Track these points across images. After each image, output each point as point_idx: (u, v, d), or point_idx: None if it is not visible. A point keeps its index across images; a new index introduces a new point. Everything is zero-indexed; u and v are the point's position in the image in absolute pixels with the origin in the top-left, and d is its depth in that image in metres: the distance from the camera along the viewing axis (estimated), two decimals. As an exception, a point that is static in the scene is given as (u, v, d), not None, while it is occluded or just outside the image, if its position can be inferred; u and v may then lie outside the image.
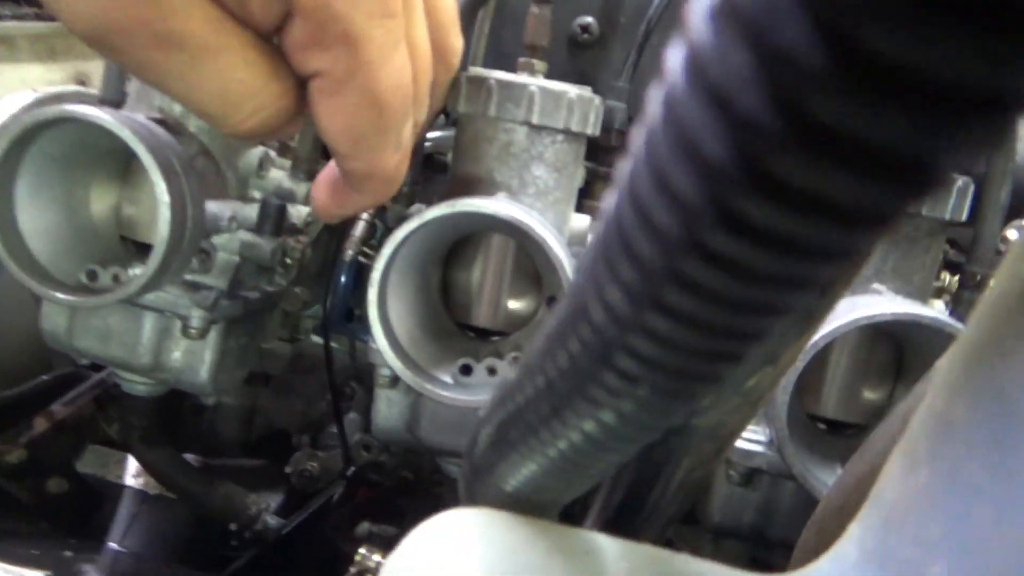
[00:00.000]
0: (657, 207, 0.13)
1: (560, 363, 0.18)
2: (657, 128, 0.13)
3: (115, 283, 0.62)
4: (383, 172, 0.45)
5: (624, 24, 0.79)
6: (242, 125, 0.38)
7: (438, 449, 0.68)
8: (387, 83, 0.40)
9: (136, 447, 0.75)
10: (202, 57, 0.35)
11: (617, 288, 0.15)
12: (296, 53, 0.38)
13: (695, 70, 0.12)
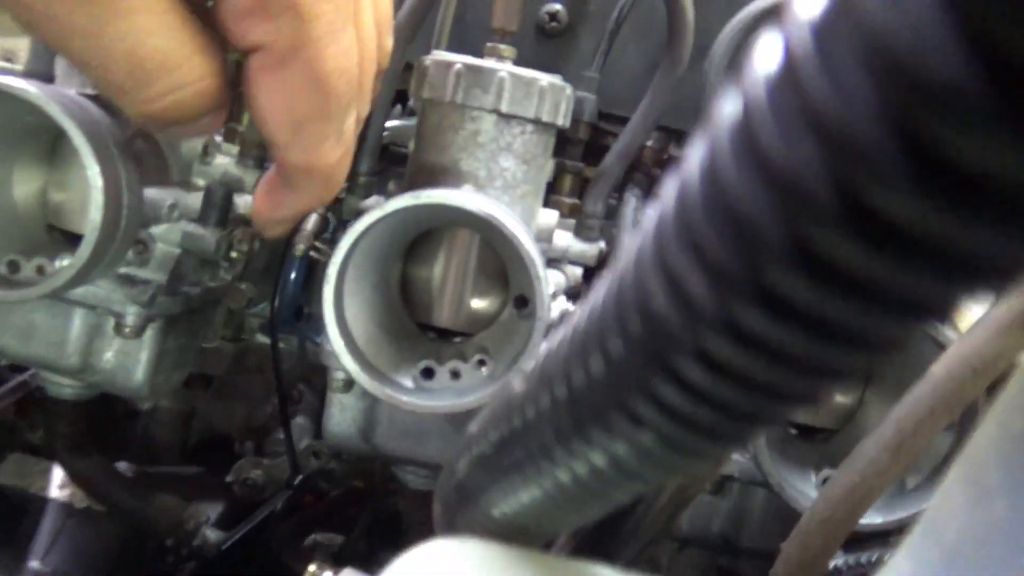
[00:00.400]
0: (687, 271, 0.12)
1: (574, 388, 0.16)
2: (696, 189, 0.12)
3: (40, 275, 0.56)
4: (324, 166, 0.41)
5: (593, 13, 0.76)
6: (152, 104, 0.33)
7: (395, 457, 0.64)
8: (333, 64, 0.36)
9: (62, 455, 0.69)
10: (113, 12, 0.30)
11: (637, 339, 0.13)
12: (235, 22, 0.33)
13: (752, 143, 0.11)
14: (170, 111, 0.33)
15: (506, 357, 0.57)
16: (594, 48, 0.75)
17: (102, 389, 0.66)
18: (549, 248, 0.65)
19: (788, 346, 0.10)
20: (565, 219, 0.68)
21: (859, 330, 0.10)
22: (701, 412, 0.13)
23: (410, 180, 0.63)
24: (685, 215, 0.11)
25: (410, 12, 0.67)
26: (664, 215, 0.11)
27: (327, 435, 0.65)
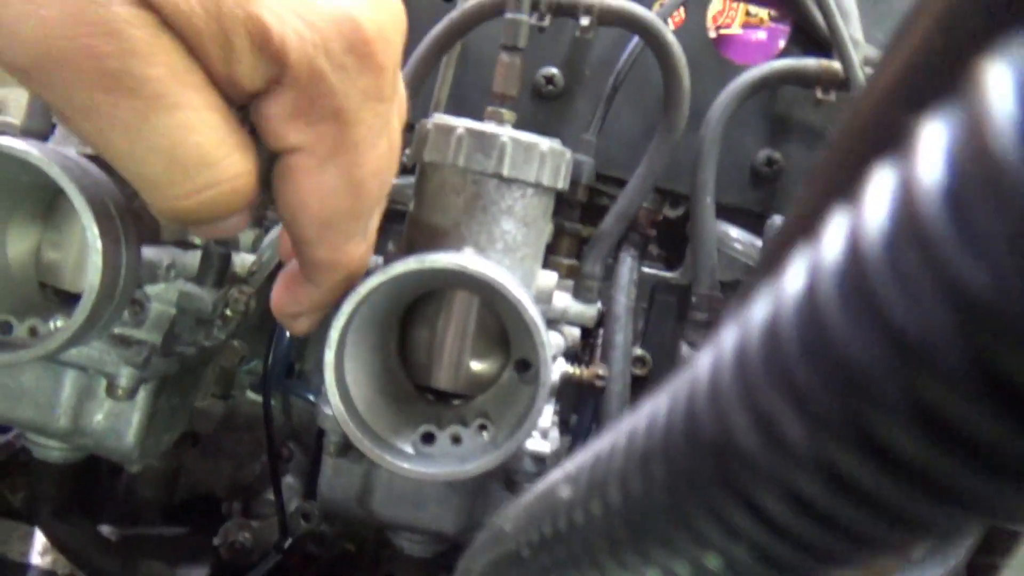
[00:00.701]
0: (780, 410, 0.11)
1: (632, 500, 0.16)
2: (792, 329, 0.11)
3: (33, 337, 0.55)
4: (348, 263, 0.41)
5: (589, 76, 0.78)
6: (185, 200, 0.33)
7: (392, 523, 0.63)
8: (369, 168, 0.36)
9: (45, 520, 0.67)
10: (156, 109, 0.30)
11: (712, 465, 0.13)
12: (277, 124, 0.33)
13: (869, 294, 0.11)
14: (202, 208, 0.33)
15: (508, 422, 0.57)
16: (589, 110, 0.77)
17: (90, 451, 0.64)
18: (548, 309, 0.66)
19: (885, 495, 0.10)
20: (563, 280, 0.68)
21: (966, 490, 0.10)
22: (776, 545, 0.13)
23: (410, 241, 0.63)
24: (779, 354, 0.11)
25: (410, 74, 0.68)
26: (748, 349, 0.11)
27: (322, 499, 0.63)
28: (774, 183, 0.77)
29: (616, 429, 0.18)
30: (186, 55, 0.30)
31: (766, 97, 0.75)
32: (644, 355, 0.90)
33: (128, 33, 0.28)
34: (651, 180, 0.67)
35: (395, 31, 0.36)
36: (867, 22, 0.72)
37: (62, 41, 0.28)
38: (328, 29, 0.32)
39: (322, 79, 0.32)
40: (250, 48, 0.31)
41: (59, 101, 0.30)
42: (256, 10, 0.30)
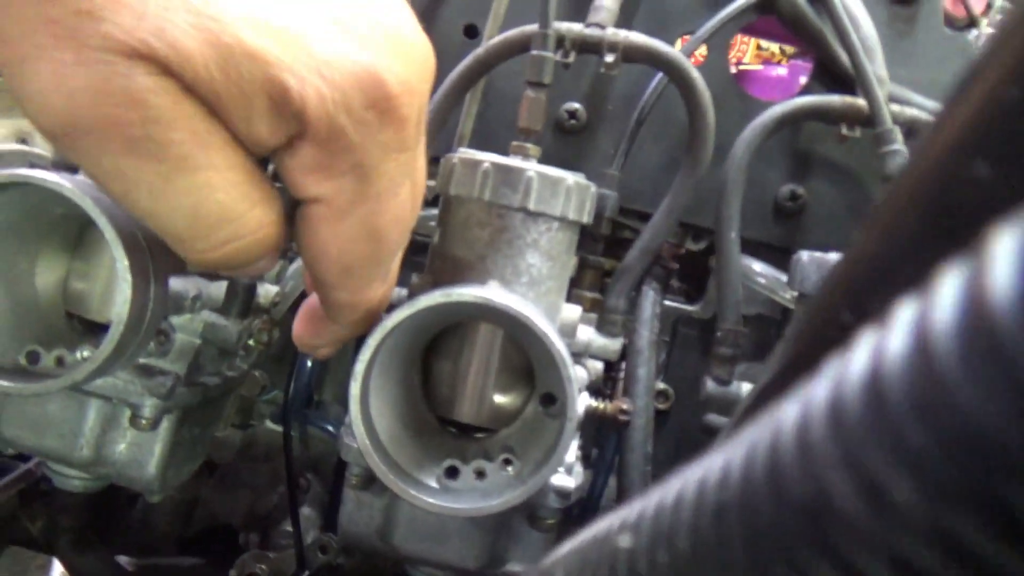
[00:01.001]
0: (889, 473, 0.11)
1: (703, 553, 0.16)
2: (902, 387, 0.11)
3: (59, 367, 0.55)
4: (368, 304, 0.41)
5: (611, 111, 0.78)
6: (209, 253, 0.33)
7: (413, 558, 0.62)
8: (390, 216, 0.37)
9: (64, 550, 0.67)
10: (179, 171, 0.31)
11: (804, 526, 0.13)
12: (298, 176, 0.34)
13: (1002, 357, 0.10)
14: (227, 259, 0.34)
15: (533, 456, 0.56)
16: (611, 144, 0.77)
17: (111, 481, 0.64)
18: (572, 343, 0.65)
19: (1009, 567, 0.10)
20: (587, 313, 0.68)
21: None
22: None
23: (434, 274, 0.63)
24: (887, 413, 0.10)
25: (435, 110, 0.68)
26: (846, 404, 0.11)
27: (342, 532, 0.63)
28: (798, 218, 0.77)
29: (680, 477, 0.17)
30: (207, 117, 0.31)
31: (789, 132, 0.75)
32: (667, 389, 0.89)
33: (151, 102, 0.29)
34: (676, 215, 0.67)
35: (421, 80, 0.36)
36: (891, 60, 0.72)
37: (88, 111, 0.29)
38: (349, 86, 0.32)
39: (342, 135, 0.33)
40: (270, 109, 0.31)
41: (86, 164, 0.31)
42: (276, 72, 0.30)
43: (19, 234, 0.57)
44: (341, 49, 0.32)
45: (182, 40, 0.28)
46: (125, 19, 0.28)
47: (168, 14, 0.28)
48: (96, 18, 0.28)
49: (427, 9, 0.79)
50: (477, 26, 0.78)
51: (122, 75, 0.28)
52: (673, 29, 0.78)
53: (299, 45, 0.31)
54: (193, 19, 0.29)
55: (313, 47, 0.31)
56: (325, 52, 0.31)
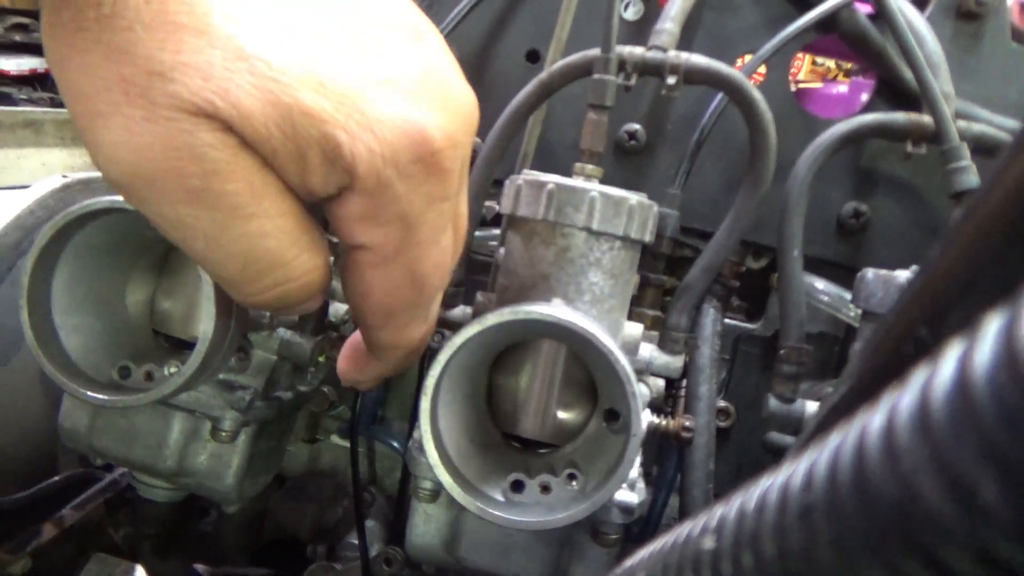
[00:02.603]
0: (980, 476, 0.12)
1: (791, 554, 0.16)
2: (991, 400, 0.12)
3: (148, 381, 0.58)
4: (408, 344, 0.43)
5: (671, 131, 0.79)
6: (258, 296, 0.36)
7: (478, 570, 0.63)
8: (432, 263, 0.39)
9: (147, 557, 0.70)
10: (233, 219, 0.33)
11: (895, 527, 0.13)
12: (345, 224, 0.36)
13: None
14: (277, 302, 0.36)
15: (597, 472, 0.57)
16: (670, 164, 0.78)
17: (192, 491, 0.67)
18: (634, 360, 0.66)
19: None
20: (648, 331, 0.68)
21: None
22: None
23: (500, 293, 0.65)
24: (974, 418, 0.11)
25: (499, 133, 0.70)
26: (937, 411, 0.12)
27: (409, 545, 0.64)
28: (861, 235, 0.77)
29: (759, 485, 0.18)
30: (263, 169, 0.33)
31: (852, 149, 0.75)
32: (728, 407, 0.89)
33: (211, 156, 0.31)
34: (738, 234, 0.68)
35: (464, 132, 0.38)
36: (956, 75, 0.72)
37: (153, 163, 0.31)
38: (397, 141, 0.34)
39: (389, 188, 0.35)
40: (322, 163, 0.33)
41: (148, 211, 0.34)
42: (330, 129, 0.32)
43: (112, 257, 0.61)
44: (390, 107, 0.34)
45: (244, 101, 0.31)
46: (193, 80, 0.30)
47: (233, 76, 0.30)
48: (167, 79, 0.30)
49: (490, 35, 0.81)
50: (539, 51, 0.80)
51: (186, 132, 0.31)
52: (733, 49, 0.79)
53: (352, 104, 0.33)
54: (255, 80, 0.31)
55: (365, 106, 0.33)
56: (376, 110, 0.33)
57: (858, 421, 0.15)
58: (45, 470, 0.76)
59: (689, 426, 0.64)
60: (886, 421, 0.13)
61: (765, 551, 0.17)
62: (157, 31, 0.30)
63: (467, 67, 0.81)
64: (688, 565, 0.20)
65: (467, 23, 0.77)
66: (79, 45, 0.30)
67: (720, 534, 0.19)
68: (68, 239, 0.56)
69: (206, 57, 0.30)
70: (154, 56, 0.30)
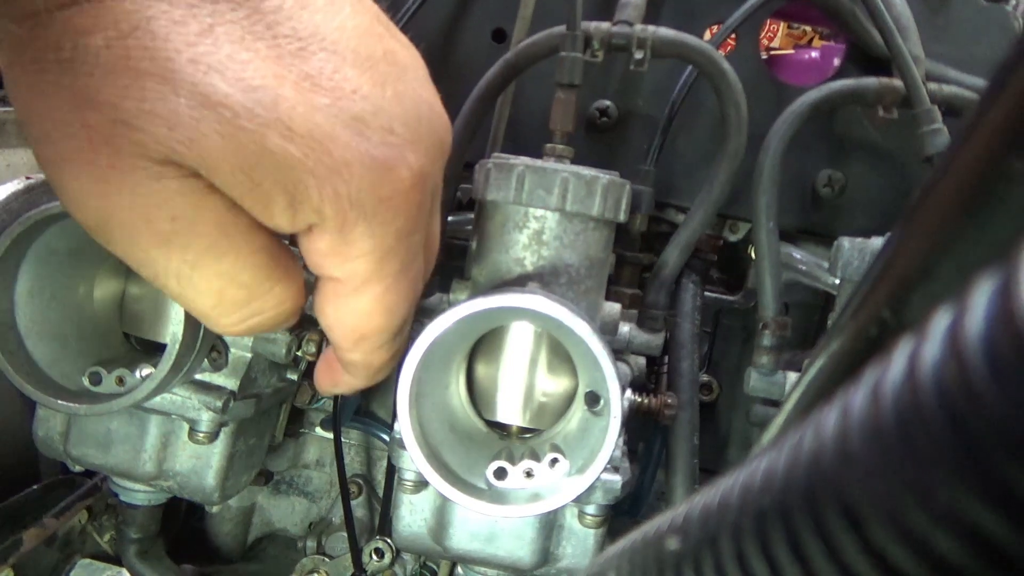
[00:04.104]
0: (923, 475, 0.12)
1: (747, 553, 0.16)
2: (939, 400, 0.12)
3: (120, 386, 0.57)
4: (379, 363, 0.44)
5: (642, 107, 0.78)
6: (233, 327, 0.36)
7: (466, 558, 0.63)
8: (402, 293, 0.39)
9: (131, 561, 0.69)
10: (204, 258, 0.33)
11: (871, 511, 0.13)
12: (315, 258, 0.36)
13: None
14: (251, 330, 0.36)
15: (580, 455, 0.57)
16: (643, 140, 0.77)
17: (173, 494, 0.66)
18: (614, 340, 0.66)
19: None
20: (627, 310, 0.68)
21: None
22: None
23: (474, 278, 0.64)
24: (922, 422, 0.11)
25: (467, 116, 0.69)
26: (885, 415, 0.12)
27: (396, 536, 0.64)
28: (837, 203, 0.76)
29: (727, 478, 0.18)
30: (231, 209, 0.33)
31: (825, 116, 0.74)
32: (711, 381, 0.89)
33: (178, 202, 0.31)
34: (713, 207, 0.67)
35: (435, 161, 0.38)
36: (926, 37, 0.71)
37: (120, 210, 0.31)
38: (365, 183, 0.34)
39: (356, 226, 0.34)
40: (289, 205, 0.33)
41: (118, 252, 0.33)
42: (297, 175, 0.32)
43: (77, 260, 0.59)
44: (360, 147, 0.33)
45: (211, 149, 0.30)
46: (158, 129, 0.29)
47: (198, 124, 0.30)
48: (131, 127, 0.29)
49: (455, 15, 0.80)
50: (505, 30, 0.78)
51: (152, 178, 0.30)
52: (702, 19, 0.78)
53: (320, 147, 0.32)
54: (221, 128, 0.30)
55: (333, 148, 0.33)
56: (345, 152, 0.33)
57: (815, 420, 0.15)
58: (26, 478, 0.75)
59: (671, 403, 0.63)
60: (839, 424, 0.13)
61: (723, 555, 0.16)
62: (119, 77, 0.29)
63: (432, 49, 0.80)
64: (654, 565, 0.20)
65: (431, 3, 0.75)
66: (41, 88, 0.30)
67: (685, 534, 0.19)
68: (28, 245, 0.55)
69: (171, 105, 0.29)
70: (118, 104, 0.29)
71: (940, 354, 0.11)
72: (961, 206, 0.17)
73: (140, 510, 0.68)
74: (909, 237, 0.19)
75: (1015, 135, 0.16)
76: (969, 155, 0.17)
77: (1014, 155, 0.16)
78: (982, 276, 0.11)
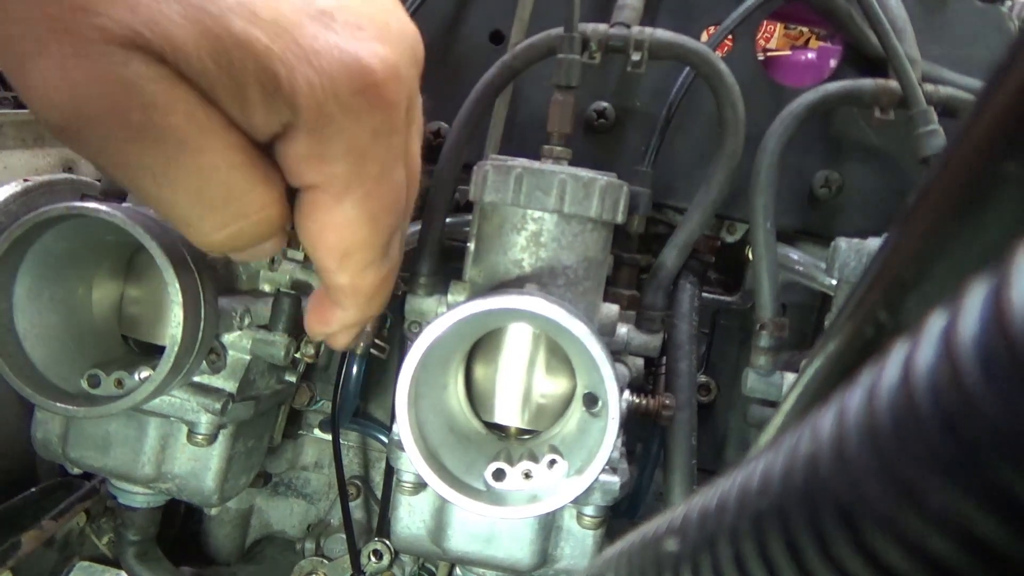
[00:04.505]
0: (921, 477, 0.12)
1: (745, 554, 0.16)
2: (934, 403, 0.12)
3: (119, 389, 0.57)
4: (368, 287, 0.42)
5: (640, 108, 0.79)
6: (216, 233, 0.34)
7: (465, 559, 0.63)
8: (385, 199, 0.38)
9: (130, 563, 0.69)
10: (180, 153, 0.32)
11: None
12: (293, 163, 0.35)
13: None
14: (233, 240, 0.35)
15: (578, 456, 0.57)
16: (641, 141, 0.77)
17: (172, 496, 0.66)
18: (612, 341, 0.66)
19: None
20: (625, 311, 0.68)
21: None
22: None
23: (472, 281, 0.64)
24: (917, 425, 0.11)
25: (465, 117, 0.69)
26: (881, 417, 0.12)
27: (395, 538, 0.64)
28: (835, 204, 0.77)
29: (726, 479, 0.18)
30: (204, 103, 0.32)
31: (822, 118, 0.75)
32: (708, 381, 0.89)
33: (149, 88, 0.30)
34: (710, 209, 0.67)
35: (409, 63, 0.37)
36: (922, 38, 0.71)
37: (90, 100, 0.30)
38: (336, 73, 0.33)
39: (332, 122, 0.34)
40: (262, 97, 0.32)
41: (91, 154, 0.32)
42: (266, 61, 0.31)
43: (75, 262, 0.59)
44: (329, 39, 0.33)
45: (173, 30, 0.30)
46: (119, 12, 0.29)
47: (160, 5, 0.29)
48: (91, 12, 0.29)
49: (452, 17, 0.80)
50: (503, 32, 0.78)
51: (119, 64, 0.30)
52: (699, 21, 0.78)
53: (288, 35, 0.32)
54: (184, 10, 0.30)
55: (301, 37, 0.32)
56: (313, 42, 0.32)
57: (812, 422, 0.15)
58: (24, 480, 0.75)
59: (669, 404, 0.63)
60: (835, 426, 0.13)
61: (721, 557, 0.16)
62: None
63: (430, 51, 0.79)
64: (652, 567, 0.20)
65: (429, 5, 0.75)
66: None
67: (683, 536, 0.19)
68: (27, 248, 0.55)
69: None
70: None
71: (934, 357, 0.11)
72: (956, 208, 0.17)
73: (139, 512, 0.68)
74: (904, 238, 0.19)
75: (1009, 137, 0.16)
76: (963, 157, 0.17)
77: (1008, 157, 0.16)
78: (976, 279, 0.12)
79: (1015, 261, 0.12)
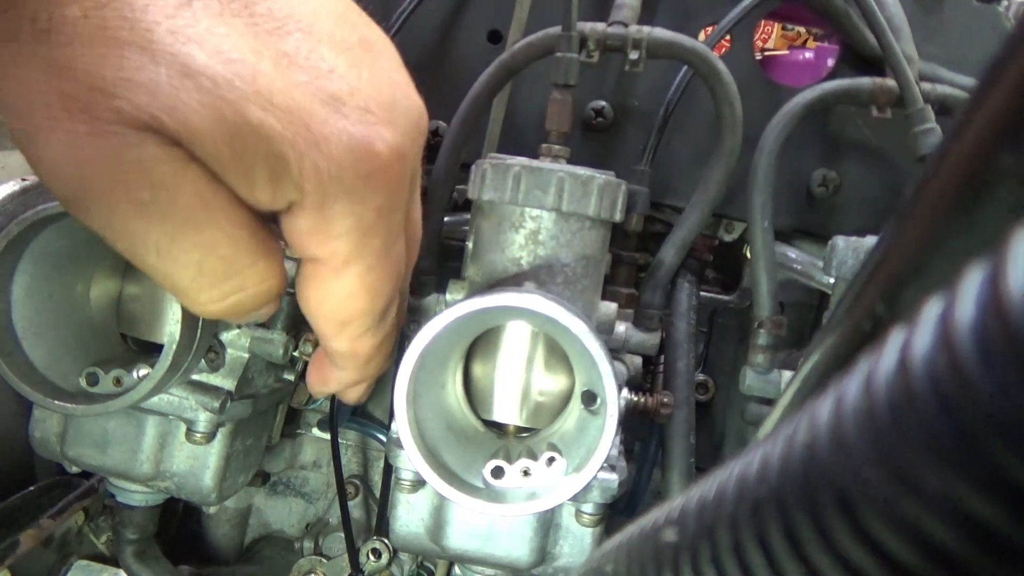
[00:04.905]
0: (919, 464, 0.12)
1: (745, 543, 0.16)
2: (931, 389, 0.12)
3: (117, 387, 0.57)
4: (365, 353, 0.44)
5: (638, 106, 0.79)
6: (213, 305, 0.35)
7: (464, 557, 0.63)
8: (384, 274, 0.39)
9: (128, 562, 0.69)
10: (184, 230, 0.32)
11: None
12: (296, 237, 0.35)
13: None
14: (231, 310, 0.35)
15: (577, 454, 0.57)
16: (639, 140, 0.77)
17: (171, 494, 0.66)
18: (610, 339, 0.66)
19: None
20: (623, 310, 0.68)
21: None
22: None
23: (470, 278, 0.64)
24: (918, 416, 0.11)
25: (463, 117, 0.69)
26: (878, 404, 0.12)
27: (394, 536, 0.64)
28: (832, 203, 0.77)
29: (723, 470, 0.18)
30: (212, 181, 0.32)
31: (819, 116, 0.75)
32: (707, 380, 0.89)
33: (158, 169, 0.31)
34: (708, 207, 0.67)
35: (412, 142, 0.38)
36: (919, 37, 0.71)
37: (99, 178, 0.30)
38: (343, 159, 0.34)
39: (337, 203, 0.34)
40: (270, 179, 0.33)
41: (96, 225, 0.33)
42: (278, 147, 0.32)
43: (73, 260, 0.59)
44: (338, 124, 0.34)
45: (192, 118, 0.30)
46: (138, 96, 0.29)
47: (179, 93, 0.30)
48: (109, 94, 0.29)
49: (450, 17, 0.80)
50: (500, 31, 0.78)
51: (132, 145, 0.30)
52: (697, 20, 0.78)
53: (300, 122, 0.32)
54: (202, 97, 0.30)
55: (312, 123, 0.33)
56: (323, 127, 0.33)
57: (809, 410, 0.15)
58: (22, 479, 0.75)
59: (667, 402, 0.64)
60: (833, 413, 0.13)
61: (720, 546, 0.17)
62: (97, 47, 0.29)
63: (427, 50, 0.80)
64: (652, 558, 0.20)
65: (426, 5, 0.75)
66: (15, 59, 0.29)
67: (681, 526, 0.19)
68: (24, 246, 0.55)
69: (150, 74, 0.29)
70: (95, 72, 0.29)
71: (931, 342, 0.11)
72: (952, 201, 0.17)
73: (137, 511, 0.68)
74: (902, 232, 0.19)
75: (1004, 130, 0.17)
76: (960, 151, 0.17)
77: (1004, 150, 0.16)
78: (972, 265, 0.12)
79: (1011, 246, 0.12)
